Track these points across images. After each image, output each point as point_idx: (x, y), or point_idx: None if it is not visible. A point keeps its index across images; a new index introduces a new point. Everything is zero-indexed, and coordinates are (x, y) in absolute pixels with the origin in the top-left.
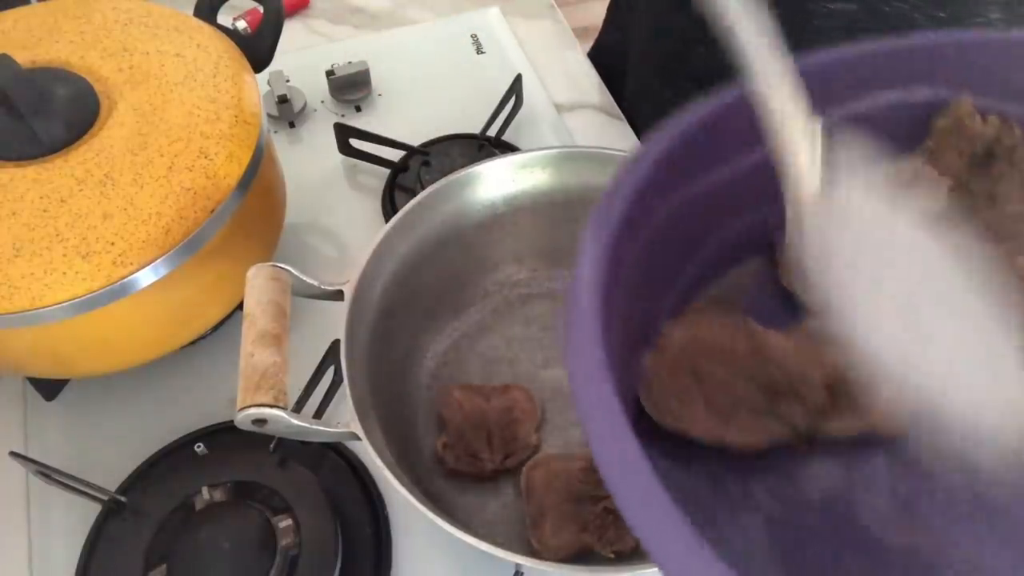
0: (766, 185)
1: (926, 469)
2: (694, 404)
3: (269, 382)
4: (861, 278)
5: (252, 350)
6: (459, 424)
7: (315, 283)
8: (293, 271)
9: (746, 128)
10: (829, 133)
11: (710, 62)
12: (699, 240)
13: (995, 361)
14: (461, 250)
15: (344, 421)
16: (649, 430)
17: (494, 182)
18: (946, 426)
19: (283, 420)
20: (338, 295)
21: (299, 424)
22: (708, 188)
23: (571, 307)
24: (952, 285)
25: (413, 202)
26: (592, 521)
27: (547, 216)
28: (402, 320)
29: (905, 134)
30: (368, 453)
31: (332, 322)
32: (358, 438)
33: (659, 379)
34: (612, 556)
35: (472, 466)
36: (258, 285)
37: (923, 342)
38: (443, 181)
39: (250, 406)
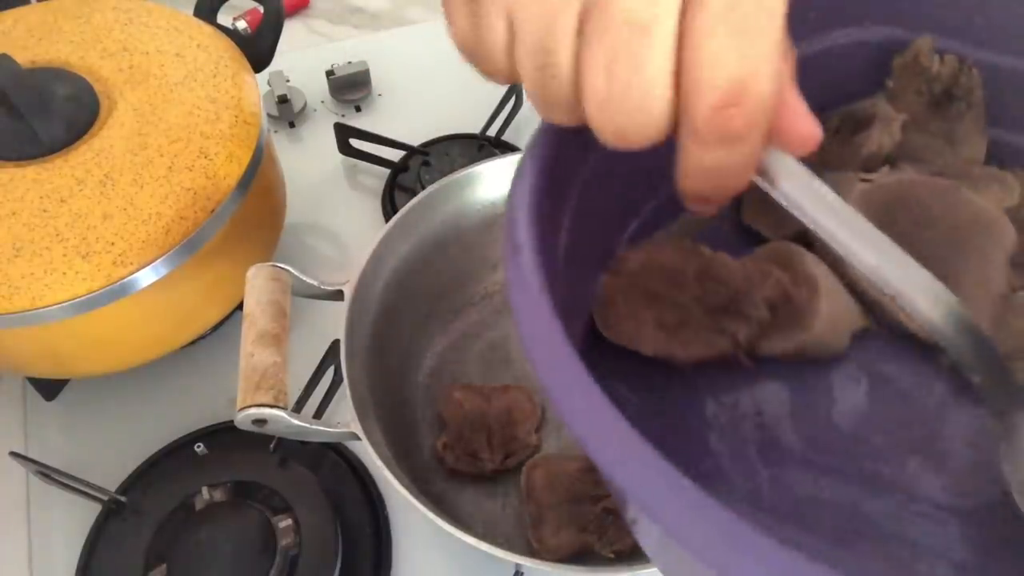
0: None
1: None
2: (645, 323)
3: (269, 382)
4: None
5: (252, 350)
6: (459, 424)
7: (315, 283)
8: (293, 271)
9: None
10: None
11: None
12: (660, 173)
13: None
14: (461, 250)
15: (344, 421)
16: (606, 360)
17: (494, 182)
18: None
19: (283, 420)
20: (338, 295)
21: (299, 424)
22: None
23: (507, 235)
24: None
25: (413, 202)
26: (592, 521)
27: None
28: (402, 320)
29: (864, 73)
30: (368, 453)
31: (332, 322)
32: (358, 438)
33: (614, 301)
34: (612, 556)
35: (472, 466)
36: (258, 285)
37: None
38: (443, 181)
39: (250, 406)
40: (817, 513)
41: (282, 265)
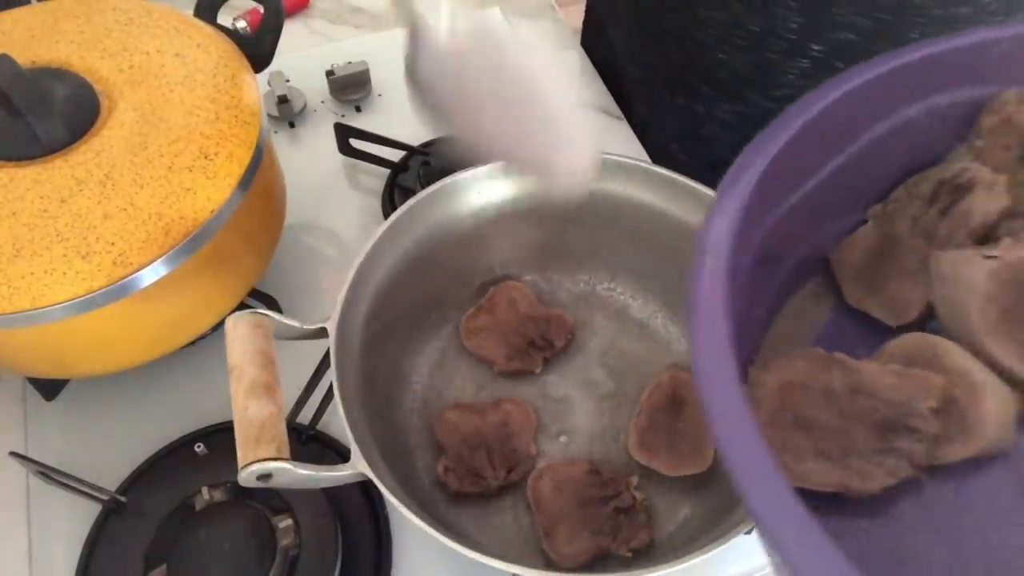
0: (830, 201)
1: None
2: (806, 456)
3: (268, 434)
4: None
5: (245, 403)
6: (457, 446)
7: (297, 324)
8: (273, 315)
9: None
10: None
11: (727, 63)
12: (774, 261)
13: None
14: (436, 270)
15: (352, 462)
16: None
17: (463, 198)
18: None
19: (289, 471)
20: (321, 333)
21: (305, 473)
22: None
23: (699, 313)
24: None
25: (385, 226)
26: (604, 522)
27: (518, 224)
28: (386, 348)
29: (951, 135)
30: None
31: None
32: (366, 478)
33: (764, 435)
34: (629, 555)
35: (477, 485)
36: (241, 335)
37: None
38: (412, 201)
39: (253, 462)
40: None
41: (262, 311)
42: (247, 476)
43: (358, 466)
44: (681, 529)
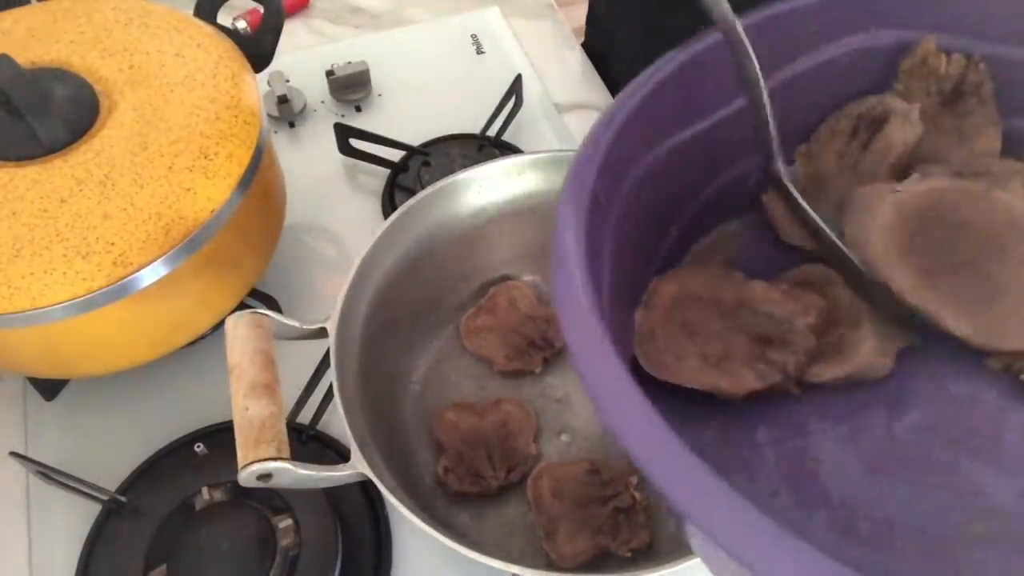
0: (742, 140)
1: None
2: (687, 356)
3: (268, 434)
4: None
5: (246, 403)
6: (457, 445)
7: (296, 324)
8: (272, 315)
9: (718, 81)
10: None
11: None
12: (680, 200)
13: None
14: (435, 268)
15: (352, 462)
16: (650, 392)
17: (463, 198)
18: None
19: (289, 471)
20: (321, 333)
21: (306, 473)
22: (684, 144)
23: (557, 269)
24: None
25: (385, 225)
26: (604, 522)
27: (517, 224)
28: (385, 347)
29: (872, 79)
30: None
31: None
32: (366, 478)
33: (652, 335)
34: (629, 555)
35: (477, 485)
36: (241, 335)
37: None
38: (412, 201)
39: (253, 462)
40: (893, 532)
41: (262, 310)
42: (247, 476)
43: (358, 466)
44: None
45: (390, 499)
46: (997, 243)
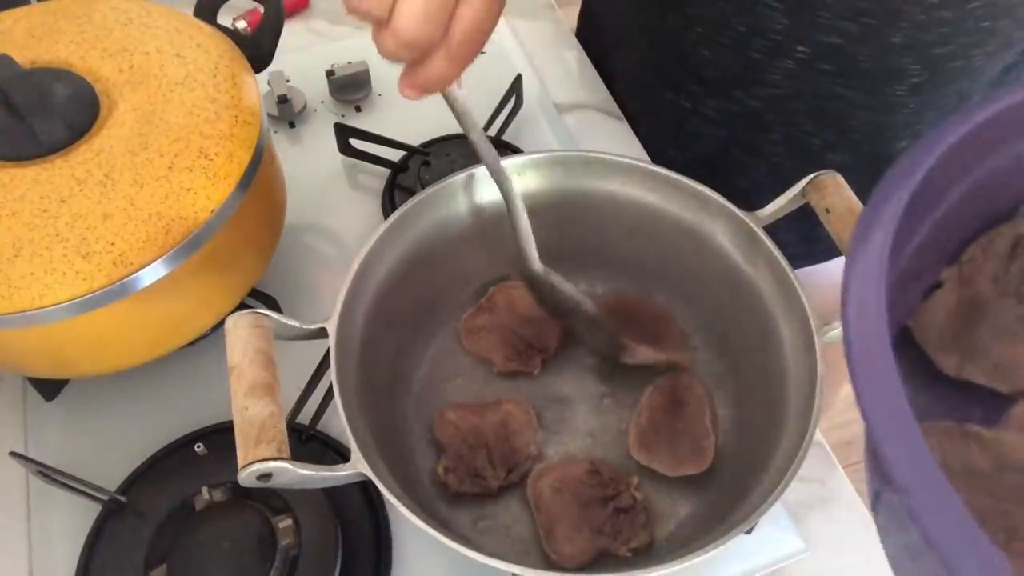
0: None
1: None
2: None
3: (269, 434)
4: None
5: (245, 403)
6: (457, 445)
7: (297, 324)
8: (272, 315)
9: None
10: None
11: (713, 61)
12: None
13: None
14: (435, 268)
15: (351, 462)
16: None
17: (463, 198)
18: None
19: (289, 471)
20: (321, 333)
21: (306, 473)
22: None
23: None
24: None
25: (385, 225)
26: (605, 522)
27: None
28: (385, 348)
29: None
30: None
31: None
32: (366, 478)
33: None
34: (629, 555)
35: (477, 486)
36: (241, 335)
37: None
38: (412, 201)
39: (253, 462)
40: None
41: (262, 310)
42: (247, 476)
43: (358, 466)
44: (681, 529)
45: (390, 499)
46: None
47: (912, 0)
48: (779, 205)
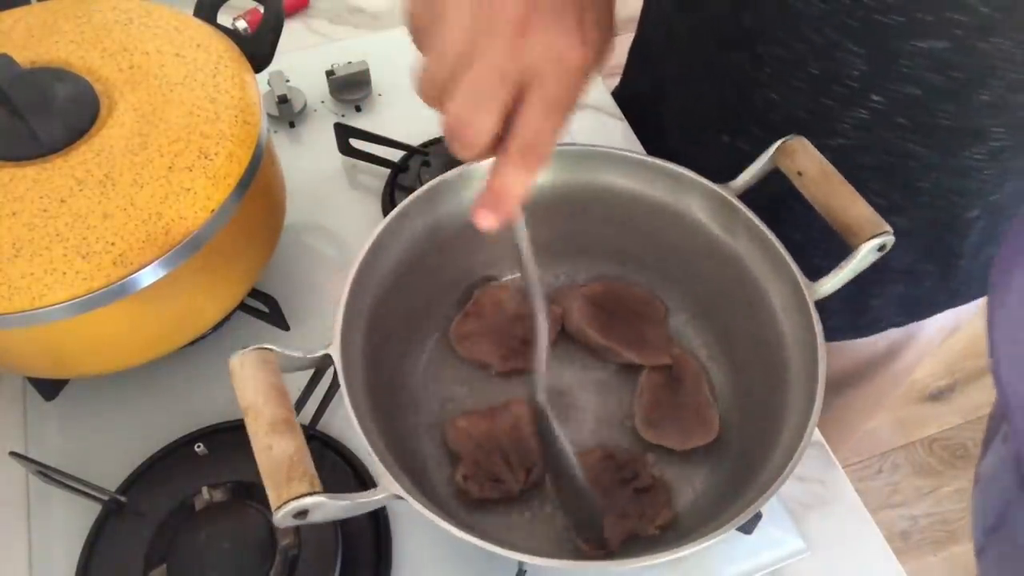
0: None
1: None
2: None
3: (298, 470)
4: None
5: (268, 442)
6: (472, 453)
7: (299, 355)
8: (276, 349)
9: None
10: None
11: (780, 105)
12: None
13: None
14: (424, 274)
15: (383, 484)
16: None
17: (454, 201)
18: None
19: (326, 504)
20: (326, 360)
21: (343, 504)
22: None
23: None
24: None
25: (373, 235)
26: (628, 505)
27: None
28: (385, 361)
29: None
30: (370, 456)
31: (328, 324)
32: (402, 498)
33: None
34: (657, 532)
35: (497, 490)
36: (249, 374)
37: None
38: (404, 204)
39: (288, 500)
40: None
41: (266, 345)
42: (283, 516)
43: (391, 488)
44: (702, 498)
45: (427, 515)
46: None
47: (1008, 58)
48: (751, 174)
